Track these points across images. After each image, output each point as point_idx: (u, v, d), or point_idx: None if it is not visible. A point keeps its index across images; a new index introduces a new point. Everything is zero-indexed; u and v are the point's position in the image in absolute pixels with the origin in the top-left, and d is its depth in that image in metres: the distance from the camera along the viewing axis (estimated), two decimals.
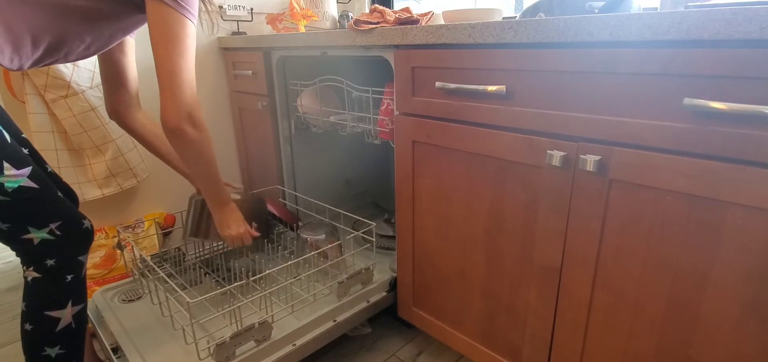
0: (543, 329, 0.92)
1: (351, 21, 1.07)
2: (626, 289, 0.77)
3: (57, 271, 0.83)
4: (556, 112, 0.78)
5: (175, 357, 0.99)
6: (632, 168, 0.71)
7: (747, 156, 0.60)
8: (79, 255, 0.87)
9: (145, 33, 0.86)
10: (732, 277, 0.66)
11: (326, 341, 1.11)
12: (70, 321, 0.86)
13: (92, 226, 0.90)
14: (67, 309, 0.85)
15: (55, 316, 0.84)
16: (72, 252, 0.85)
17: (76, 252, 0.86)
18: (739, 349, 0.67)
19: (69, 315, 0.86)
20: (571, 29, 0.71)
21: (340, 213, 1.37)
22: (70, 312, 0.86)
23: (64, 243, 0.83)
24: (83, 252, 0.88)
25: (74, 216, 0.85)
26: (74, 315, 0.87)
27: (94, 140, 1.37)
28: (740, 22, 0.56)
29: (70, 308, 0.86)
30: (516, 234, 0.91)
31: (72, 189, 1.03)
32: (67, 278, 0.85)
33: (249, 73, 1.52)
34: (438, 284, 1.12)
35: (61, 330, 0.85)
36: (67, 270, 0.85)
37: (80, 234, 0.86)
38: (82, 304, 0.89)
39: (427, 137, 1.01)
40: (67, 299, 0.85)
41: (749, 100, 0.59)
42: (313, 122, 1.47)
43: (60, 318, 0.85)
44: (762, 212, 0.61)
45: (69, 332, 0.87)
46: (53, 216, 0.81)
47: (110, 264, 1.41)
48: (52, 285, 0.84)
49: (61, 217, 0.82)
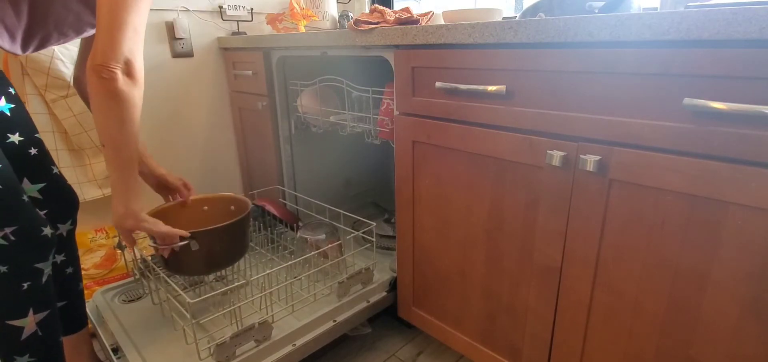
0: (543, 329, 0.92)
1: (351, 21, 1.07)
2: (626, 289, 0.77)
3: (11, 279, 0.79)
4: (556, 112, 0.78)
5: (176, 358, 0.99)
6: (632, 168, 0.71)
7: (747, 156, 0.60)
8: (36, 262, 0.81)
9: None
10: (732, 277, 0.66)
11: (326, 341, 1.11)
12: (35, 329, 0.82)
13: (54, 234, 0.85)
14: (28, 317, 0.81)
15: (17, 325, 0.80)
16: (27, 259, 0.80)
17: (32, 260, 0.81)
18: (739, 349, 0.67)
19: (32, 323, 0.81)
20: (571, 29, 0.71)
21: (340, 213, 1.37)
22: (33, 320, 0.81)
23: (17, 250, 0.78)
24: (41, 260, 0.82)
25: (34, 223, 0.81)
26: (39, 322, 0.82)
27: (95, 140, 1.37)
28: (740, 22, 0.56)
29: (33, 316, 0.81)
30: (516, 234, 0.91)
31: (73, 190, 1.02)
32: (23, 286, 0.80)
33: (249, 73, 1.52)
34: (438, 284, 1.12)
35: (26, 340, 0.81)
36: (22, 277, 0.80)
37: (37, 241, 0.81)
38: (47, 311, 0.84)
39: (427, 137, 1.01)
40: (26, 307, 0.81)
41: (749, 100, 0.59)
42: (313, 122, 1.47)
43: (23, 327, 0.81)
44: (762, 212, 0.61)
45: (36, 340, 0.83)
46: (10, 220, 0.77)
47: (110, 264, 1.42)
48: (7, 294, 0.79)
49: (18, 223, 0.77)
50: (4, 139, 0.85)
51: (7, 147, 0.85)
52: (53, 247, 0.85)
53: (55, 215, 0.96)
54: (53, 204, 0.95)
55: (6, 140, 0.85)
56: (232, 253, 1.11)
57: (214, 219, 1.17)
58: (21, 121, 0.88)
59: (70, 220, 1.00)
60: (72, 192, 1.01)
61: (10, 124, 0.86)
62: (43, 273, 0.83)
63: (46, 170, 0.94)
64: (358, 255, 1.35)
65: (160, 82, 1.57)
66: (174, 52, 1.58)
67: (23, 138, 0.88)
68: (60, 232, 0.98)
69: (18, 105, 0.89)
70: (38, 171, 0.92)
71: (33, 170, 0.91)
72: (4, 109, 0.85)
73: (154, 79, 1.56)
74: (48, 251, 0.84)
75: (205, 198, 1.22)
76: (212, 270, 1.12)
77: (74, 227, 1.02)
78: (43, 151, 0.94)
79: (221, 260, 1.09)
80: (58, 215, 0.97)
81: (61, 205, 0.97)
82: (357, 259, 1.34)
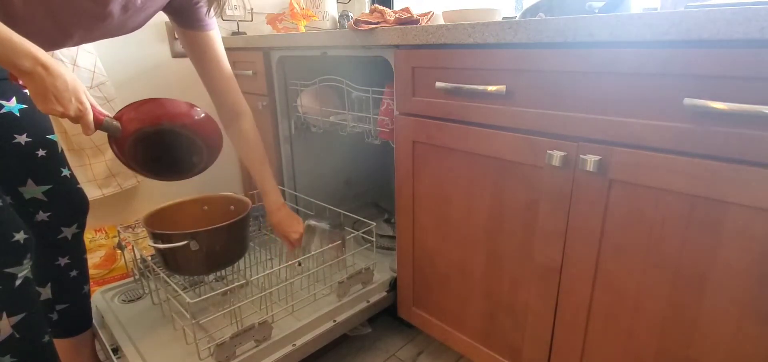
0: (543, 329, 0.92)
1: (351, 21, 1.07)
2: (626, 289, 0.77)
3: None
4: (556, 112, 0.78)
5: (176, 358, 0.99)
6: (632, 168, 0.71)
7: (747, 156, 0.60)
8: (7, 267, 0.79)
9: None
10: (732, 277, 0.66)
11: (326, 341, 1.11)
12: (11, 332, 0.80)
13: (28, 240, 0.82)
14: (2, 320, 0.79)
15: None
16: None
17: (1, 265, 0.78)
18: (739, 349, 0.67)
19: (7, 326, 0.80)
20: (571, 29, 0.71)
21: (340, 213, 1.37)
22: (8, 323, 0.80)
23: None
24: (12, 264, 0.80)
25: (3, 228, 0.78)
26: (15, 325, 0.81)
27: (95, 140, 1.37)
28: (740, 22, 0.56)
29: (6, 319, 0.79)
30: (516, 234, 0.91)
31: (83, 193, 1.00)
32: None
33: (249, 73, 1.52)
34: (438, 284, 1.12)
35: (3, 341, 0.80)
36: None
37: (7, 247, 0.78)
38: (24, 313, 0.82)
39: (428, 137, 1.01)
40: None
41: (749, 100, 0.59)
42: (313, 122, 1.47)
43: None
44: (762, 212, 0.61)
45: (14, 342, 0.81)
46: None
47: (110, 265, 1.42)
48: None
49: None
50: (11, 140, 0.85)
51: (12, 147, 0.85)
52: (29, 253, 0.83)
53: (59, 218, 0.95)
54: (59, 206, 0.94)
55: (12, 140, 0.85)
56: (232, 253, 1.11)
57: (214, 219, 1.17)
58: (31, 122, 0.88)
59: (75, 224, 0.99)
60: (81, 195, 1.00)
61: (18, 125, 0.86)
62: (16, 278, 0.81)
63: (54, 172, 0.93)
64: (358, 255, 1.35)
65: (160, 81, 1.57)
66: (174, 52, 1.58)
67: (31, 139, 0.87)
68: (64, 235, 0.97)
69: (31, 105, 0.88)
70: (45, 173, 0.91)
71: (39, 172, 0.90)
72: (13, 109, 0.85)
73: (154, 79, 1.56)
74: (21, 257, 0.81)
75: (205, 198, 1.22)
76: (212, 270, 1.12)
77: (81, 231, 1.01)
78: (54, 153, 0.93)
79: (221, 260, 1.09)
80: (63, 218, 0.96)
81: (67, 208, 0.96)
82: (357, 259, 1.34)
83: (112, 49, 1.44)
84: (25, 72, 0.68)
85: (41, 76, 0.70)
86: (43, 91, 0.71)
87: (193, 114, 0.98)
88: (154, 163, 0.98)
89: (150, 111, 0.93)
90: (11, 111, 0.84)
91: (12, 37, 0.65)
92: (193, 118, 0.98)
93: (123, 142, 0.91)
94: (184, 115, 0.97)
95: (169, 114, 0.95)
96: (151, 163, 0.98)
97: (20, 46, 0.66)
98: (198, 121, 0.98)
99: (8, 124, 0.84)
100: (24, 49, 0.67)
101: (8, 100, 0.84)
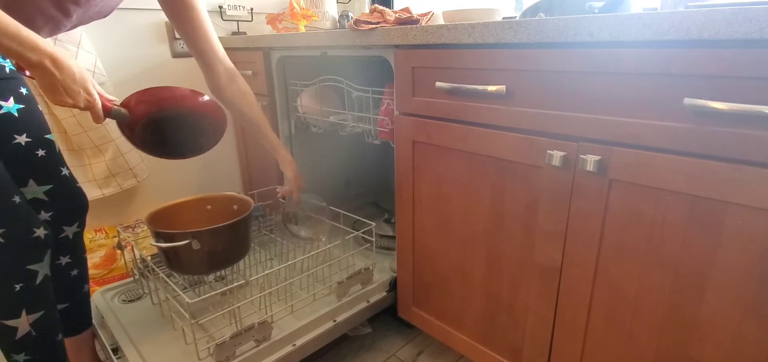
0: (543, 329, 0.92)
1: (351, 21, 1.07)
2: (626, 289, 0.77)
3: (2, 280, 0.79)
4: (556, 112, 0.78)
5: (175, 358, 0.99)
6: (632, 168, 0.71)
7: (747, 156, 0.60)
8: (29, 264, 0.81)
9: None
10: (732, 277, 0.66)
11: (326, 341, 1.11)
12: (29, 330, 0.82)
13: (48, 236, 0.84)
14: (21, 318, 0.81)
15: (11, 325, 0.81)
16: (18, 261, 0.80)
17: (24, 261, 0.81)
18: (739, 350, 0.67)
19: (25, 323, 0.82)
20: (571, 29, 0.71)
21: (340, 213, 1.37)
22: (26, 320, 0.82)
23: (8, 252, 0.78)
24: (33, 261, 0.82)
25: (24, 224, 0.80)
26: (33, 323, 0.83)
27: (94, 140, 1.37)
28: (740, 22, 0.56)
29: (25, 316, 0.82)
30: (516, 234, 0.91)
31: (83, 192, 1.00)
32: (15, 287, 0.80)
33: (249, 73, 1.52)
34: (438, 284, 1.12)
35: (21, 339, 0.82)
36: (14, 279, 0.80)
37: (28, 243, 0.81)
38: (41, 312, 0.84)
39: (427, 137, 1.01)
40: (19, 308, 0.81)
41: (749, 100, 0.59)
42: (313, 122, 1.47)
43: (16, 327, 0.81)
44: (762, 212, 0.61)
45: (30, 340, 0.83)
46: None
47: (110, 265, 1.42)
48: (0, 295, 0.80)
49: (6, 225, 0.77)
50: (10, 140, 0.85)
51: (12, 148, 0.85)
52: (48, 249, 0.85)
53: (61, 217, 0.95)
54: (60, 206, 0.94)
55: (12, 141, 0.85)
56: (235, 252, 1.11)
57: (217, 218, 1.17)
58: (30, 122, 0.88)
59: (76, 223, 0.99)
60: (81, 194, 1.00)
61: (17, 125, 0.86)
62: (38, 275, 0.83)
63: (54, 172, 0.93)
64: (358, 255, 1.35)
65: (160, 81, 1.57)
66: (174, 52, 1.59)
67: (31, 139, 0.87)
68: (65, 234, 0.97)
69: (28, 105, 0.88)
70: (45, 172, 0.91)
71: (40, 172, 0.90)
72: (11, 109, 0.85)
73: (154, 79, 1.56)
74: (42, 252, 0.83)
75: (208, 197, 1.22)
76: (214, 269, 1.12)
77: (81, 230, 1.01)
78: (53, 153, 0.93)
79: (224, 259, 1.09)
80: (65, 217, 0.96)
81: (68, 207, 0.96)
82: (357, 259, 1.34)
83: (112, 49, 1.44)
84: (34, 65, 0.69)
85: (50, 70, 0.71)
86: (52, 84, 0.72)
87: (197, 97, 1.02)
88: (162, 146, 1.03)
89: (157, 95, 0.97)
90: (10, 111, 0.84)
91: (20, 31, 0.66)
92: (197, 101, 1.02)
93: (134, 125, 0.94)
94: (189, 98, 1.01)
95: (175, 97, 0.99)
96: (160, 145, 1.03)
97: (28, 40, 0.67)
98: (203, 103, 1.03)
99: (7, 124, 0.84)
100: (32, 43, 0.68)
101: (6, 101, 0.84)
